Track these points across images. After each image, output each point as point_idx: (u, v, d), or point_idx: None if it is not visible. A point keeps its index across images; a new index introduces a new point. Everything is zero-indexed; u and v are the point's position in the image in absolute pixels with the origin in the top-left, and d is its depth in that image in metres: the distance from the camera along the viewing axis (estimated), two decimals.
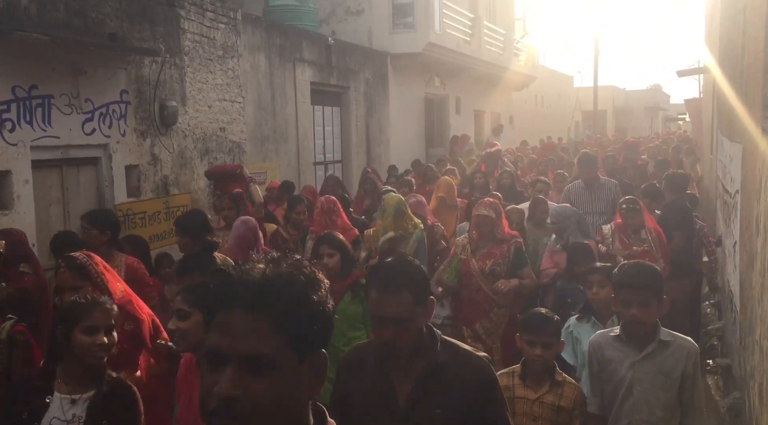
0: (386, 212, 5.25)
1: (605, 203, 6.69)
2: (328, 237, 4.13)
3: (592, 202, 6.80)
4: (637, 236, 5.38)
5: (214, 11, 8.46)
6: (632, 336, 2.84)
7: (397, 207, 5.24)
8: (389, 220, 5.19)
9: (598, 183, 6.91)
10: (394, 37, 13.84)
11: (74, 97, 6.33)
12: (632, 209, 5.39)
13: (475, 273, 4.73)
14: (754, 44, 3.90)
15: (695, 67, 14.52)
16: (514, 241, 4.77)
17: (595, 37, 30.09)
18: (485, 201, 4.92)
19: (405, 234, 5.18)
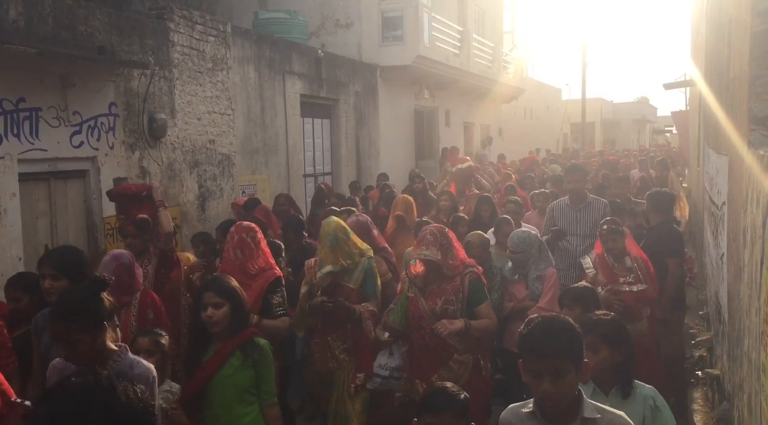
0: (321, 242, 4.37)
1: (591, 225, 5.85)
2: (215, 283, 3.31)
3: (576, 223, 5.96)
4: (622, 265, 4.74)
5: (203, 24, 8.46)
6: (548, 414, 2.26)
7: (333, 236, 4.32)
8: (325, 251, 4.31)
9: (585, 202, 6.04)
10: (384, 49, 13.90)
11: (62, 109, 6.30)
12: (614, 231, 4.72)
13: (425, 315, 4.01)
14: (739, 57, 3.94)
15: (682, 80, 14.66)
16: (469, 272, 4.02)
17: (583, 50, 30.36)
18: (425, 236, 4.05)
19: (350, 263, 4.34)
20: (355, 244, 4.42)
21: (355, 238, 4.46)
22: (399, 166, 14.23)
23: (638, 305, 4.52)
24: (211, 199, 8.63)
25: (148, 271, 4.79)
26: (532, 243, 4.99)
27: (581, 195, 6.07)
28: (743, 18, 3.73)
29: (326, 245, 4.30)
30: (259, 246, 4.23)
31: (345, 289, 4.35)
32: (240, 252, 4.14)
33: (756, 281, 3.00)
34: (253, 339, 3.27)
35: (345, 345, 4.39)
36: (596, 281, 4.73)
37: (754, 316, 3.08)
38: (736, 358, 3.99)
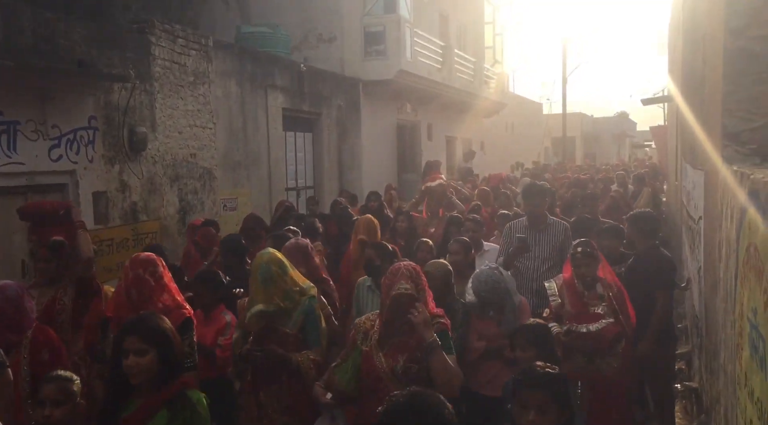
0: (252, 276, 3.63)
1: (551, 248, 5.45)
2: (139, 325, 2.75)
3: (535, 245, 5.50)
4: (593, 292, 4.29)
5: (185, 38, 8.46)
6: None
7: (266, 269, 3.59)
8: (256, 287, 3.58)
9: (544, 223, 5.60)
10: (366, 64, 13.98)
11: (41, 123, 6.25)
12: (589, 255, 4.31)
13: (383, 375, 3.24)
14: (714, 74, 4.02)
15: (660, 96, 14.90)
16: (436, 324, 3.34)
17: (563, 64, 30.74)
18: (400, 270, 3.29)
19: (287, 304, 3.61)
20: (294, 280, 3.69)
21: (294, 274, 3.73)
22: (382, 179, 14.25)
23: (604, 344, 4.17)
24: (192, 212, 8.58)
25: (65, 302, 4.23)
26: (501, 285, 4.28)
27: (541, 216, 5.63)
28: (717, 35, 3.81)
29: (258, 280, 3.56)
30: (162, 281, 3.58)
31: (281, 334, 3.61)
32: (136, 292, 3.47)
33: (731, 295, 3.04)
34: (185, 394, 2.73)
35: (281, 403, 3.63)
36: (561, 312, 4.34)
37: (729, 330, 3.12)
38: (713, 371, 4.03)
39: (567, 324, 4.30)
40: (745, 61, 3.43)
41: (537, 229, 5.55)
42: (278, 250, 3.98)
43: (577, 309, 4.27)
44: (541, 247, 5.50)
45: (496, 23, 22.95)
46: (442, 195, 8.49)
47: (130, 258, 3.70)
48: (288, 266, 3.72)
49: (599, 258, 4.44)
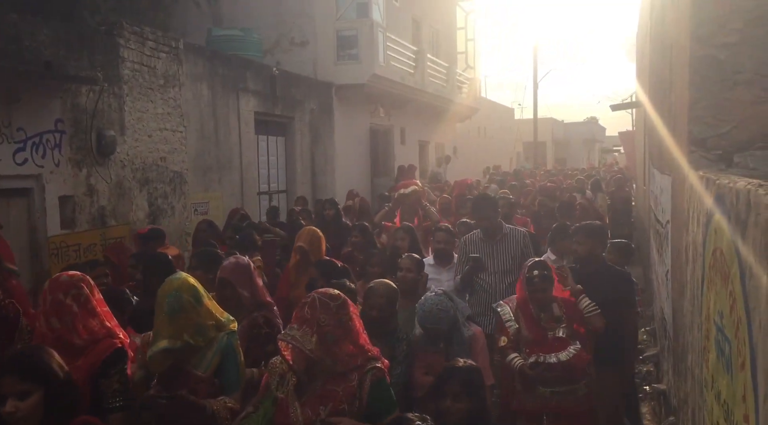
0: (158, 306, 3.00)
1: (511, 260, 5.08)
2: (16, 362, 2.35)
3: (492, 258, 5.13)
4: (549, 313, 4.00)
5: (155, 40, 8.35)
6: None
7: (174, 298, 2.96)
8: (162, 320, 2.95)
9: (500, 233, 5.22)
10: (339, 68, 13.97)
11: (5, 125, 6.12)
12: (546, 278, 3.98)
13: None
14: (680, 80, 4.09)
15: (628, 102, 15.14)
16: (371, 370, 2.77)
17: (534, 70, 31.09)
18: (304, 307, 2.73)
19: (199, 340, 2.99)
20: (209, 312, 3.07)
21: (211, 304, 3.14)
22: (355, 184, 14.23)
23: (577, 374, 3.93)
24: (163, 217, 8.46)
25: None
26: (449, 314, 3.78)
27: (495, 228, 5.24)
28: (683, 43, 3.88)
29: (164, 311, 2.93)
30: (88, 305, 3.03)
31: (191, 377, 3.00)
32: (57, 321, 2.94)
33: (697, 297, 3.09)
34: None
35: None
36: (520, 338, 4.01)
37: (696, 332, 3.17)
38: (681, 373, 4.10)
39: (526, 353, 3.93)
40: (711, 68, 3.50)
41: (493, 241, 5.19)
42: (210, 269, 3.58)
43: (535, 335, 3.95)
44: (498, 260, 5.13)
45: (468, 29, 23.13)
46: (416, 203, 7.77)
47: (48, 279, 3.18)
48: (203, 295, 3.09)
49: (554, 279, 4.08)
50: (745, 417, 1.85)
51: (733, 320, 2.04)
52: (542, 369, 3.83)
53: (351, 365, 2.74)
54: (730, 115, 3.49)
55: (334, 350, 2.69)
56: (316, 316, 2.67)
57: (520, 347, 4.02)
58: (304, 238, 5.36)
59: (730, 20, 3.47)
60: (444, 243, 5.43)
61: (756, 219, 1.79)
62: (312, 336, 2.65)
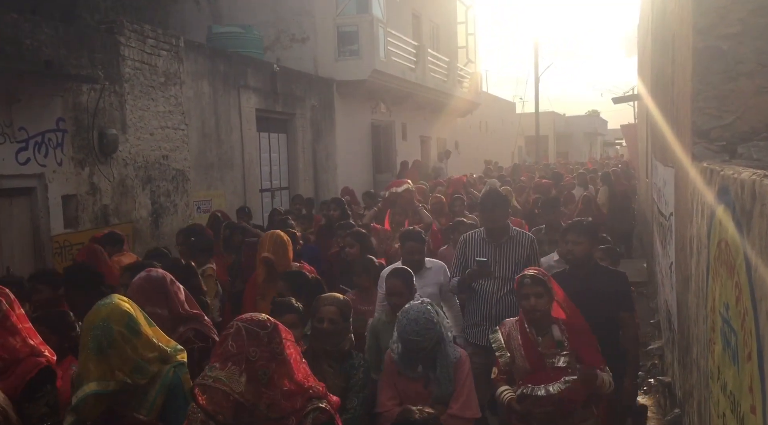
0: (83, 341, 2.48)
1: (515, 265, 4.56)
2: None
3: (495, 262, 4.60)
4: (548, 337, 3.46)
5: (155, 38, 8.35)
6: None
7: (102, 331, 2.44)
8: (87, 357, 2.44)
9: (506, 235, 4.70)
10: (340, 64, 13.95)
11: (7, 125, 6.12)
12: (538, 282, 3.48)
13: None
14: (683, 73, 4.08)
15: (630, 94, 15.11)
16: (314, 412, 2.33)
17: (535, 64, 31.02)
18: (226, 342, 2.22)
19: (139, 378, 2.51)
20: (149, 343, 2.57)
21: (152, 331, 2.64)
22: (357, 179, 14.23)
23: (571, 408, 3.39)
24: (165, 215, 8.47)
25: None
26: (435, 329, 3.26)
27: (502, 229, 4.73)
28: (685, 35, 3.86)
29: (89, 347, 2.43)
30: (7, 322, 2.69)
31: (131, 422, 2.58)
32: None
33: (702, 290, 3.08)
34: None
35: None
36: (515, 368, 3.47)
37: (701, 324, 3.17)
38: (686, 365, 4.09)
39: (520, 384, 3.43)
40: (713, 59, 3.49)
41: (497, 243, 4.67)
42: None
43: (532, 363, 3.41)
44: (501, 265, 4.61)
45: (468, 23, 23.08)
46: (409, 203, 7.20)
47: None
48: (140, 322, 2.57)
49: (552, 290, 3.53)
50: (752, 407, 1.85)
51: (740, 311, 2.03)
52: (530, 402, 3.32)
53: (288, 408, 2.25)
54: (733, 105, 3.48)
55: (268, 391, 2.21)
56: (244, 350, 2.18)
57: (514, 380, 3.50)
58: (267, 246, 4.71)
59: (732, 10, 3.45)
60: (417, 253, 4.80)
61: (762, 210, 1.78)
62: (241, 376, 2.15)
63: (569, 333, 3.46)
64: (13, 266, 6.21)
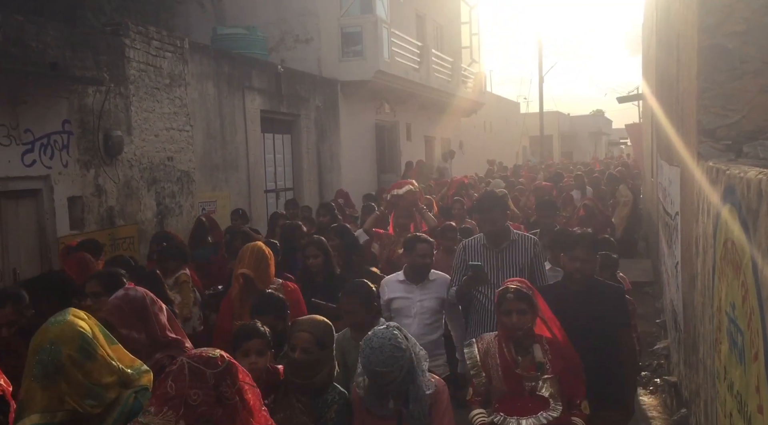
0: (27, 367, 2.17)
1: (517, 271, 4.28)
2: None
3: (497, 269, 4.35)
4: (528, 358, 3.20)
5: (160, 40, 8.37)
6: None
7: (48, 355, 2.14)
8: (29, 384, 2.15)
9: (507, 240, 4.41)
10: (344, 64, 13.96)
11: (13, 127, 6.14)
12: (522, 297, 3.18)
13: None
14: (688, 72, 4.07)
15: (634, 94, 15.07)
16: None
17: (539, 64, 30.96)
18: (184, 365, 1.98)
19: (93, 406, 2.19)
20: (105, 366, 2.24)
21: (110, 352, 2.30)
22: (361, 180, 14.24)
23: None
24: (170, 216, 8.49)
25: None
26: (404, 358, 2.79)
27: (502, 233, 4.43)
28: (690, 34, 3.85)
29: (33, 374, 2.13)
30: None
31: None
32: None
33: (708, 289, 3.07)
34: None
35: None
36: (491, 389, 3.22)
37: (707, 324, 3.16)
38: (692, 365, 4.08)
39: (495, 408, 3.19)
40: (718, 58, 3.48)
41: (497, 249, 4.40)
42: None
43: (509, 385, 3.15)
44: (503, 272, 4.32)
45: (472, 23, 23.06)
46: (412, 205, 6.71)
47: None
48: (98, 342, 2.24)
49: (538, 305, 3.26)
50: (759, 407, 1.84)
51: (746, 311, 2.03)
52: None
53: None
54: (738, 104, 3.47)
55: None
56: (184, 392, 1.89)
57: (491, 402, 3.25)
58: (247, 261, 4.21)
59: (736, 9, 3.44)
60: (428, 257, 4.53)
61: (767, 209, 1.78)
62: (177, 423, 1.88)
63: (552, 355, 3.20)
64: (19, 268, 6.24)
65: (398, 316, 4.42)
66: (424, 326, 4.41)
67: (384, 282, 4.61)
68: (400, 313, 4.47)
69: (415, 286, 4.50)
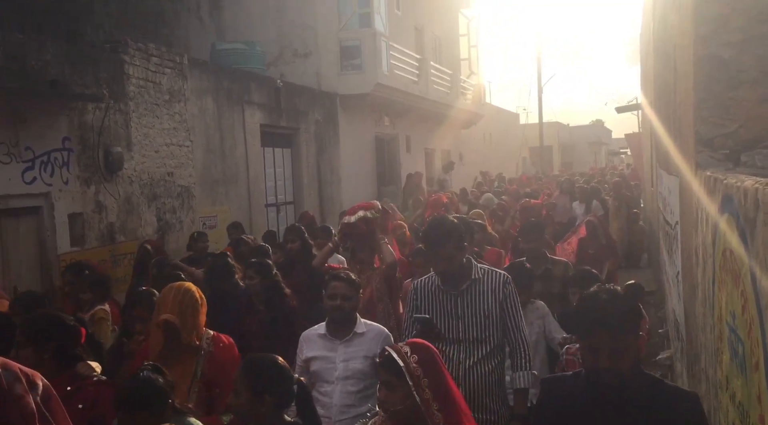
0: None
1: (482, 319, 3.40)
2: None
3: (456, 318, 3.41)
4: None
5: (159, 56, 8.41)
6: None
7: None
8: None
9: (468, 279, 3.45)
10: (343, 78, 14.01)
11: (13, 145, 6.17)
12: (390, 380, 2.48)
13: None
14: (685, 82, 4.08)
15: (633, 104, 15.11)
16: None
17: (538, 75, 31.08)
18: None
19: None
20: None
21: None
22: (361, 193, 14.25)
23: None
24: (171, 232, 8.50)
25: None
26: None
27: (460, 270, 3.46)
28: (686, 44, 3.87)
29: None
30: None
31: None
32: None
33: (709, 299, 3.06)
34: None
35: None
36: None
37: (709, 334, 3.15)
38: (695, 375, 4.06)
39: None
40: (715, 67, 3.49)
41: (456, 291, 3.43)
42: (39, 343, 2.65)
43: None
44: (466, 321, 3.38)
45: (471, 35, 23.17)
46: (370, 236, 5.15)
47: None
48: None
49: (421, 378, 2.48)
50: (761, 418, 1.83)
51: (746, 320, 2.02)
52: None
53: None
54: (735, 114, 3.48)
55: None
56: None
57: None
58: (170, 305, 3.33)
59: (732, 19, 3.46)
60: (339, 298, 3.49)
61: (764, 218, 1.78)
62: None
63: None
64: (20, 285, 6.24)
65: (318, 382, 3.47)
66: (349, 395, 3.38)
67: (303, 336, 3.63)
68: (319, 378, 3.47)
69: (338, 342, 3.49)
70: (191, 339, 3.31)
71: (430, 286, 3.53)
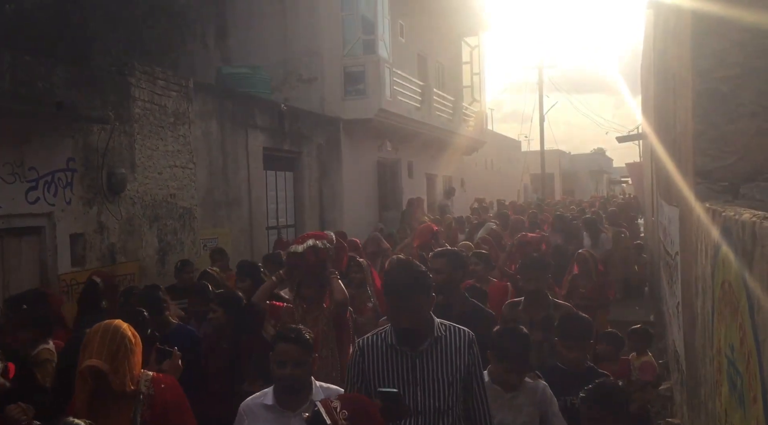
0: None
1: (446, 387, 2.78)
2: None
3: (414, 386, 2.77)
4: None
5: (165, 79, 8.51)
6: None
7: None
8: None
9: (430, 338, 2.81)
10: (346, 103, 14.13)
11: (18, 165, 6.21)
12: None
13: None
14: (684, 113, 4.12)
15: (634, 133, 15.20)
16: None
17: (539, 103, 31.32)
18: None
19: None
20: None
21: None
22: (363, 217, 14.28)
23: None
24: (172, 253, 8.50)
25: None
26: None
27: (420, 328, 2.79)
28: (686, 76, 3.92)
29: None
30: None
31: None
32: None
33: (708, 330, 3.06)
34: None
35: None
36: None
37: (708, 365, 3.14)
38: (695, 407, 4.04)
39: None
40: (713, 101, 3.53)
41: (414, 352, 2.79)
42: None
43: None
44: (425, 388, 2.77)
45: (473, 63, 23.40)
46: (320, 270, 4.47)
47: None
48: None
49: None
50: None
51: (744, 353, 2.02)
52: None
53: None
54: (734, 146, 3.51)
55: None
56: None
57: None
58: (96, 348, 2.82)
59: (730, 53, 3.51)
60: (291, 365, 2.96)
61: (762, 251, 1.80)
62: None
63: None
64: None
65: None
66: None
67: (242, 408, 3.07)
68: None
69: (290, 415, 2.97)
70: (124, 384, 2.85)
71: (380, 345, 2.82)
